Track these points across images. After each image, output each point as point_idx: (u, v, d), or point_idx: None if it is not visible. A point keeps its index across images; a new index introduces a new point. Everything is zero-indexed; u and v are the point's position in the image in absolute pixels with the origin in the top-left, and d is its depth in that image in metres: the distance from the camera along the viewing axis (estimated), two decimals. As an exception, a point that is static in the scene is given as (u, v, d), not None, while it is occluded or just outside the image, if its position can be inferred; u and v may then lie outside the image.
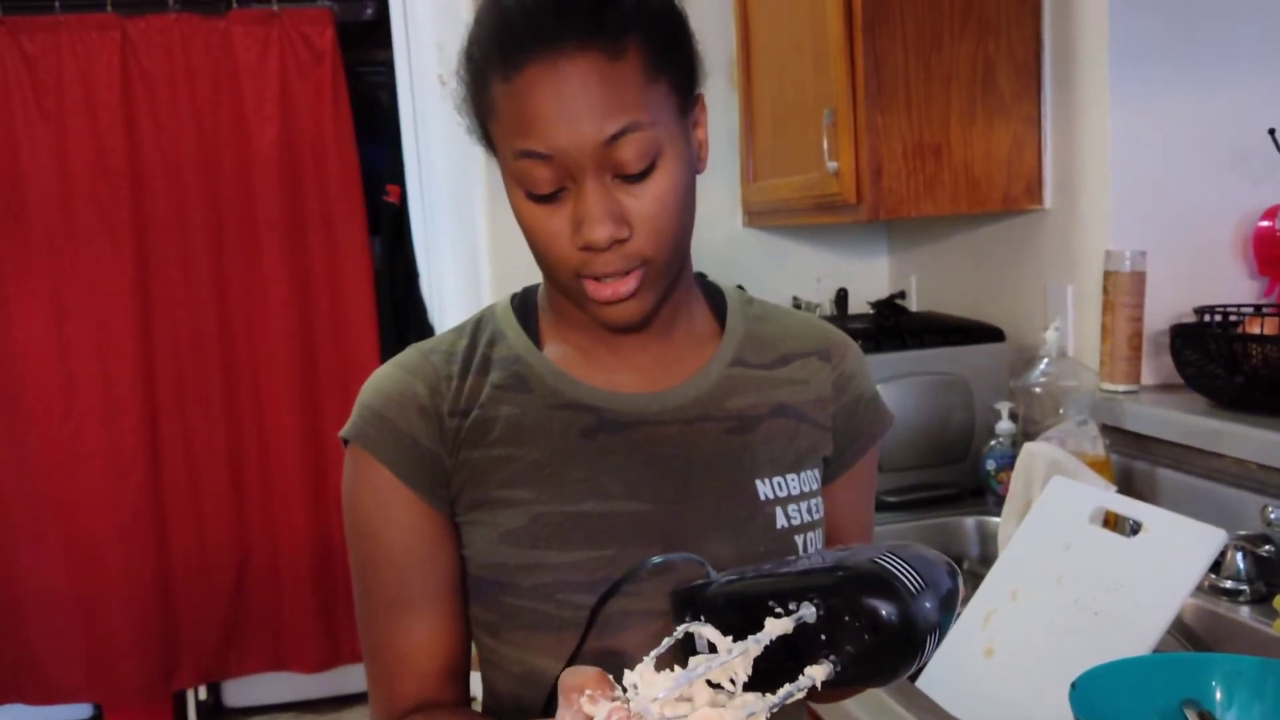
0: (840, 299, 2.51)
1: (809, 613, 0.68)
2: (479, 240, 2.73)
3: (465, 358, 0.93)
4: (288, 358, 3.30)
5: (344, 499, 0.93)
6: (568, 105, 0.78)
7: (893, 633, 0.67)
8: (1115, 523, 1.40)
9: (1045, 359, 1.86)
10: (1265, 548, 1.43)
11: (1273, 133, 1.79)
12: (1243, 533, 1.45)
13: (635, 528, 0.88)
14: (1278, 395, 1.55)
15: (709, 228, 2.51)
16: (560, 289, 0.88)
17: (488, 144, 0.87)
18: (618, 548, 0.87)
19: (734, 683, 0.66)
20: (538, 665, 0.89)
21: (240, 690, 3.57)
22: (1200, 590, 1.43)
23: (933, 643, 0.69)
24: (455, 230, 2.87)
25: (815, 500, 0.95)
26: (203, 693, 3.52)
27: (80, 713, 3.48)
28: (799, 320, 1.02)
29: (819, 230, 2.63)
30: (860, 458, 1.01)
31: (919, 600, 0.67)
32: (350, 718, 3.52)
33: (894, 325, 2.12)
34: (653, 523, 0.89)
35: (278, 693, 3.56)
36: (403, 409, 0.90)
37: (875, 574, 0.68)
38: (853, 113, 1.98)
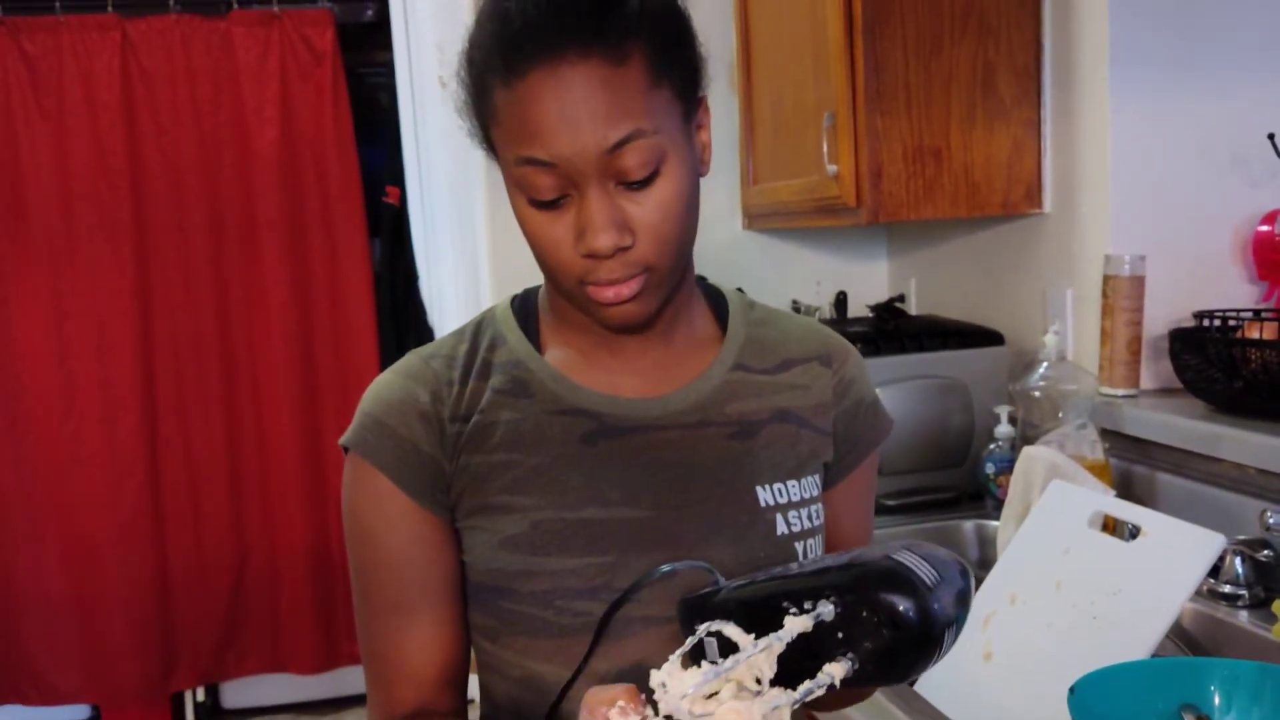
0: (840, 302, 2.51)
1: (827, 610, 0.67)
2: (479, 242, 2.74)
3: (466, 362, 0.92)
4: (287, 359, 3.30)
5: (344, 505, 0.93)
6: (570, 113, 0.77)
7: (911, 628, 0.66)
8: (1114, 527, 1.40)
9: (1044, 363, 1.85)
10: (1264, 552, 1.43)
11: (1272, 137, 1.79)
12: (1241, 537, 1.45)
13: (635, 534, 0.88)
14: (1277, 400, 1.55)
15: (709, 230, 2.49)
16: (563, 294, 0.88)
17: (489, 148, 0.86)
18: (618, 554, 0.87)
19: (759, 681, 0.66)
20: (537, 670, 0.89)
21: (239, 691, 3.56)
22: (1199, 595, 1.43)
23: (950, 639, 0.68)
24: (455, 232, 2.87)
25: (815, 507, 0.95)
26: (201, 694, 3.51)
27: (78, 714, 3.47)
28: (800, 325, 1.01)
29: (819, 233, 2.63)
30: (860, 463, 1.01)
31: (936, 595, 0.66)
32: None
33: (893, 329, 2.13)
34: (653, 529, 0.88)
35: (276, 694, 3.55)
36: (404, 416, 0.89)
37: (892, 570, 0.67)
38: (853, 116, 1.98)
